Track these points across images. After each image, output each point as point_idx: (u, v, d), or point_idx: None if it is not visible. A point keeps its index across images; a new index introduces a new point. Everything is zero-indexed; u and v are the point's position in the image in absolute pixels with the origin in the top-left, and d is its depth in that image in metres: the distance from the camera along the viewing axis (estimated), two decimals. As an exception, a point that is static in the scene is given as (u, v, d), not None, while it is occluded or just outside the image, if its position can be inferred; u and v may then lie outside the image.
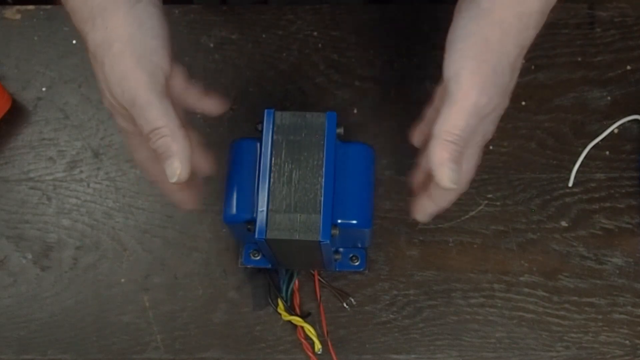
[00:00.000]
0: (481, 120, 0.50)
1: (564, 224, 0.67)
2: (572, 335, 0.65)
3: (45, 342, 0.66)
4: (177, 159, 0.49)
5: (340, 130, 0.56)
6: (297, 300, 0.65)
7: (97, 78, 0.52)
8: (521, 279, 0.66)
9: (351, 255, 0.65)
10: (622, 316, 0.65)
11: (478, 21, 0.50)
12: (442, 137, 0.49)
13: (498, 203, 0.68)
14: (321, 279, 0.66)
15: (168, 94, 0.50)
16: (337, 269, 0.65)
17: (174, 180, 0.50)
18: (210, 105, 0.57)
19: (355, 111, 0.70)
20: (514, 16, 0.50)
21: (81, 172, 0.70)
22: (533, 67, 0.71)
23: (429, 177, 0.53)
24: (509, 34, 0.50)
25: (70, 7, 0.51)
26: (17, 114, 0.72)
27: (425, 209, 0.56)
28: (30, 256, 0.68)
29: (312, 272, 0.66)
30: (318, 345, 0.64)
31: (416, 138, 0.57)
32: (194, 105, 0.55)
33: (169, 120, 0.49)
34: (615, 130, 0.69)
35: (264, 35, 0.73)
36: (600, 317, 0.65)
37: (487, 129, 0.53)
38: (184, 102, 0.54)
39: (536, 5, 0.50)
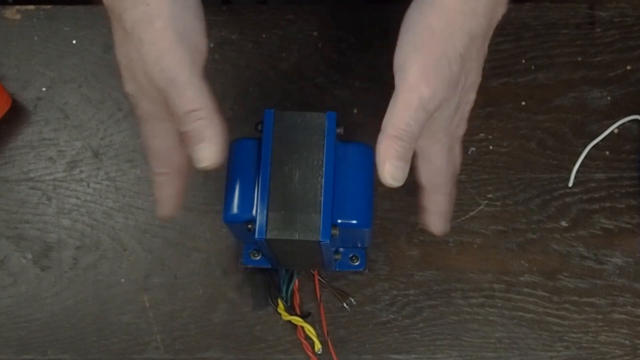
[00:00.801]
0: (429, 115, 0.48)
1: (564, 224, 0.67)
2: (572, 335, 0.65)
3: (45, 342, 0.66)
4: (210, 143, 0.48)
5: (340, 130, 0.56)
6: (297, 300, 0.65)
7: (129, 58, 0.50)
8: (521, 279, 0.66)
9: (351, 255, 0.65)
10: (622, 316, 0.65)
11: (422, 9, 0.48)
12: (387, 132, 0.48)
13: (498, 203, 0.68)
14: (321, 279, 0.66)
15: (204, 77, 0.49)
16: (337, 269, 0.65)
17: (202, 165, 0.48)
18: None
19: (355, 111, 0.70)
20: (460, 1, 0.48)
21: (81, 172, 0.70)
22: (533, 67, 0.71)
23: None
24: (455, 22, 0.48)
25: None
26: (17, 114, 0.72)
27: (430, 221, 0.55)
28: (30, 256, 0.68)
29: (312, 272, 0.66)
30: (318, 345, 0.64)
31: None
32: None
33: (207, 102, 0.48)
34: (615, 130, 0.69)
35: (264, 35, 0.73)
36: (600, 317, 0.65)
37: (446, 124, 0.51)
38: None
39: None
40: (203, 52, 0.49)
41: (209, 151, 0.48)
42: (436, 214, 0.55)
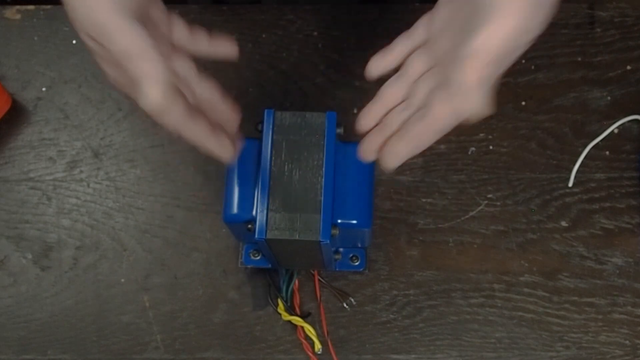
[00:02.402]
0: (514, 50, 0.45)
1: (564, 224, 0.67)
2: (572, 335, 0.65)
3: (45, 342, 0.66)
4: (148, 80, 0.45)
5: (340, 130, 0.56)
6: (297, 300, 0.65)
7: (80, 30, 0.48)
8: (521, 279, 0.66)
9: (351, 255, 0.65)
10: (622, 316, 0.65)
11: None
12: (474, 57, 0.44)
13: (498, 203, 0.68)
14: (321, 279, 0.66)
15: (143, 19, 0.47)
16: (337, 269, 0.65)
17: (147, 107, 0.45)
18: (221, 47, 0.53)
19: (355, 111, 0.70)
20: None
21: (81, 172, 0.70)
22: (533, 67, 0.71)
23: (396, 114, 0.49)
24: None
25: None
26: (17, 114, 0.72)
27: (397, 151, 0.49)
28: (30, 256, 0.68)
29: (312, 272, 0.66)
30: (318, 345, 0.64)
31: (376, 67, 0.53)
32: (205, 50, 0.53)
33: (140, 40, 0.46)
34: (615, 130, 0.69)
35: (264, 35, 0.73)
36: (600, 317, 0.65)
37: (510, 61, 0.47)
38: (193, 48, 0.52)
39: None
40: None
41: (147, 90, 0.45)
42: (411, 148, 0.48)
